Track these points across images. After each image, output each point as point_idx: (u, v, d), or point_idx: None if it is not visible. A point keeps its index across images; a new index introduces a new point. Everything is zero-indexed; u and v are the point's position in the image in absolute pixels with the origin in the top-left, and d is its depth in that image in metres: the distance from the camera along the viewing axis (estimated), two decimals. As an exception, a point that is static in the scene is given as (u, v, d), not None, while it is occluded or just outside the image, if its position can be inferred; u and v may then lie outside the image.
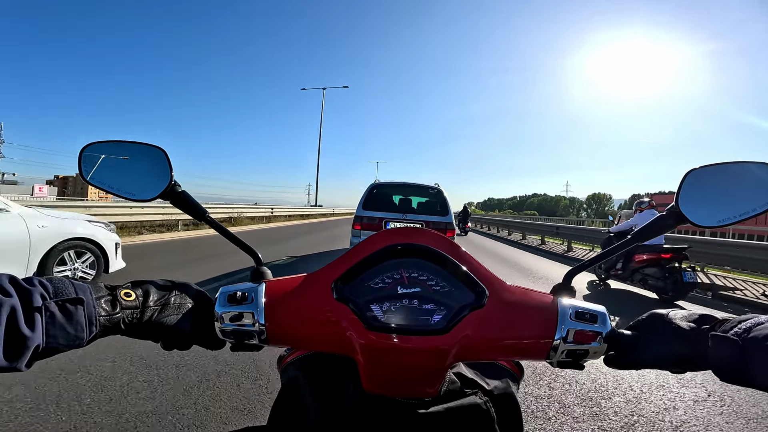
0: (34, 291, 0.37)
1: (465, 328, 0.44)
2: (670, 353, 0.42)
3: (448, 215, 6.19)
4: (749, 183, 0.45)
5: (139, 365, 2.53)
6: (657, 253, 5.69)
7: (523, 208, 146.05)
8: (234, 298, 0.46)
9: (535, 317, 0.46)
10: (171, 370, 2.49)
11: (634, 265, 6.02)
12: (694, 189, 0.46)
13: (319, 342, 0.47)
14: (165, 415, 1.98)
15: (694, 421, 2.26)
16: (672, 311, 0.45)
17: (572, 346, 0.45)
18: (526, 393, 2.49)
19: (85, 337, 0.39)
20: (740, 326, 0.37)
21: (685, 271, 5.47)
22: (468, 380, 0.52)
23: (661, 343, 0.43)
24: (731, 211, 0.45)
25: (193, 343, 0.49)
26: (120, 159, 0.51)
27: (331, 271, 0.48)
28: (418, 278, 0.47)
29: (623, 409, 2.37)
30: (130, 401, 2.09)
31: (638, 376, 2.89)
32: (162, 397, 2.17)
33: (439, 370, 0.45)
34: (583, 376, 2.83)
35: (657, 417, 2.29)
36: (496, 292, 0.47)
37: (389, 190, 6.79)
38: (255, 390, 2.32)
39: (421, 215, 6.17)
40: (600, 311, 0.46)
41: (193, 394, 2.22)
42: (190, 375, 2.45)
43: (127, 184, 0.50)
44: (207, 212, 0.53)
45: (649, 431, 2.13)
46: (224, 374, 2.50)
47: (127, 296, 0.44)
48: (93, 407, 2.00)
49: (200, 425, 1.92)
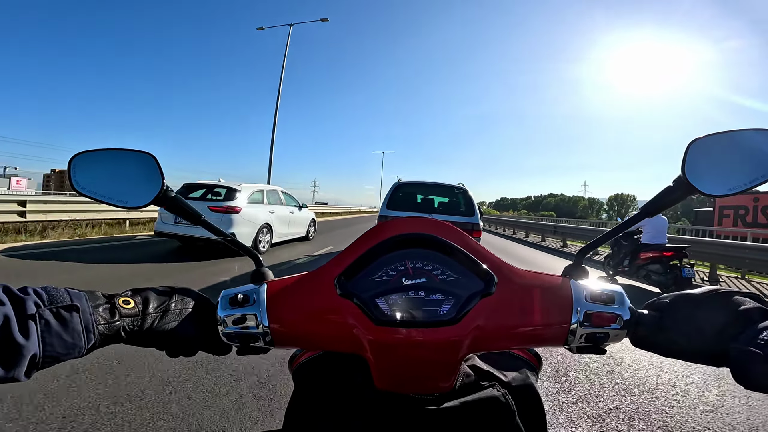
0: (27, 299, 0.36)
1: (476, 316, 0.42)
2: (691, 348, 0.41)
3: (474, 215, 5.94)
4: (754, 150, 0.44)
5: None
6: (660, 251, 6.33)
7: (539, 209, 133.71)
8: (236, 300, 0.45)
9: (549, 301, 0.44)
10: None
11: (639, 262, 6.62)
12: (699, 159, 0.45)
13: (326, 341, 0.46)
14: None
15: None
16: (700, 294, 0.42)
17: (591, 329, 0.43)
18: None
19: (84, 345, 0.38)
20: (765, 335, 0.35)
21: (684, 267, 6.16)
22: (484, 372, 0.50)
23: (682, 333, 0.41)
24: (740, 179, 0.44)
25: (197, 349, 0.48)
26: (110, 167, 0.50)
27: (333, 267, 0.47)
28: (423, 268, 0.45)
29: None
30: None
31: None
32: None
33: (452, 363, 0.44)
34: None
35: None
36: (506, 278, 0.45)
37: (413, 189, 6.62)
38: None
39: (446, 215, 5.91)
40: (617, 291, 0.44)
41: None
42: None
43: (119, 192, 0.50)
44: (202, 215, 0.53)
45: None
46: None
47: (126, 304, 0.43)
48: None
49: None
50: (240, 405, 2.20)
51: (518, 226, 22.67)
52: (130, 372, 2.48)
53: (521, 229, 21.44)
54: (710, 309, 0.41)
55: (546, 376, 2.74)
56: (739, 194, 0.45)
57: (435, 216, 5.63)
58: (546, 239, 16.47)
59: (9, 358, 0.34)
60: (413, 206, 6.25)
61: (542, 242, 15.14)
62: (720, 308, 0.41)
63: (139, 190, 0.50)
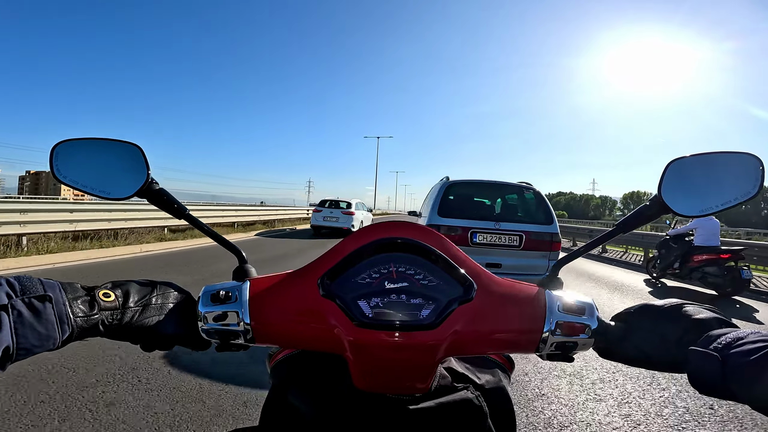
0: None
1: (454, 322, 0.43)
2: (653, 355, 0.43)
3: (552, 223, 4.70)
4: (731, 173, 0.46)
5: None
6: (716, 253, 6.31)
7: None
8: (217, 297, 0.45)
9: (524, 310, 0.46)
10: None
11: (692, 264, 6.62)
12: (676, 179, 0.47)
13: (306, 340, 0.46)
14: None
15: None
16: (663, 306, 0.45)
17: (561, 338, 0.45)
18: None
19: (58, 337, 0.38)
20: (721, 340, 0.37)
21: (742, 269, 6.14)
22: (459, 375, 0.52)
23: (645, 342, 0.43)
24: (713, 201, 0.46)
25: (175, 344, 0.48)
26: (94, 157, 0.50)
27: (316, 267, 0.47)
28: (406, 272, 0.46)
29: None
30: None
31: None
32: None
33: (429, 366, 0.45)
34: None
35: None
36: (485, 285, 0.46)
37: (468, 190, 5.26)
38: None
39: (518, 224, 4.67)
40: (588, 303, 0.46)
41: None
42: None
43: (102, 183, 0.49)
44: (187, 210, 0.52)
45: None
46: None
47: (106, 297, 0.43)
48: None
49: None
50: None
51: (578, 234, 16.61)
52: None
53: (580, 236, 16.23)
54: (671, 319, 0.43)
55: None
56: (710, 215, 0.48)
57: (508, 225, 4.68)
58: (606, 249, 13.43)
59: None
60: (475, 212, 4.87)
61: (604, 253, 12.69)
62: (680, 318, 0.43)
63: (124, 182, 0.49)
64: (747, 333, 0.37)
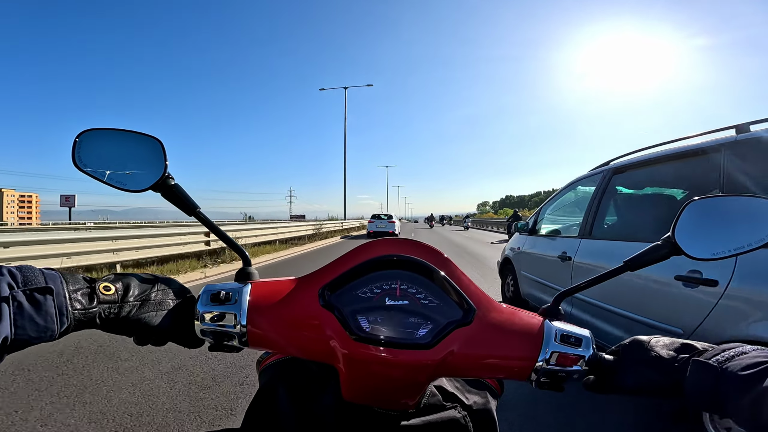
0: (1, 280, 0.36)
1: (450, 344, 0.44)
2: (647, 381, 0.42)
3: None
4: (748, 217, 0.45)
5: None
6: None
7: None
8: (217, 297, 0.46)
9: (522, 338, 0.46)
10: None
11: None
12: (691, 220, 0.46)
13: (301, 348, 0.46)
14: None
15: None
16: (654, 338, 0.45)
17: (554, 368, 0.45)
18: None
19: (56, 329, 0.38)
20: (722, 355, 0.37)
21: None
22: (448, 394, 0.52)
23: (640, 370, 0.43)
24: (725, 245, 0.45)
25: (168, 341, 0.48)
26: (115, 148, 0.50)
27: (319, 277, 0.48)
28: (407, 291, 0.46)
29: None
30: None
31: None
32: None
33: (420, 384, 0.45)
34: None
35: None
36: (485, 311, 0.46)
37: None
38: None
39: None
40: (585, 335, 0.46)
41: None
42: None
43: (120, 175, 0.49)
44: (198, 207, 0.53)
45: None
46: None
47: (106, 290, 0.43)
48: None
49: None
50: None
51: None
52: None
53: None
54: (666, 346, 0.43)
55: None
56: (720, 259, 0.46)
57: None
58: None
59: None
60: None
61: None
62: (675, 344, 0.43)
63: (140, 175, 0.49)
64: (752, 349, 0.37)
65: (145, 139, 0.50)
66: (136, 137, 0.51)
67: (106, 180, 0.49)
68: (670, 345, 0.43)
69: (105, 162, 0.49)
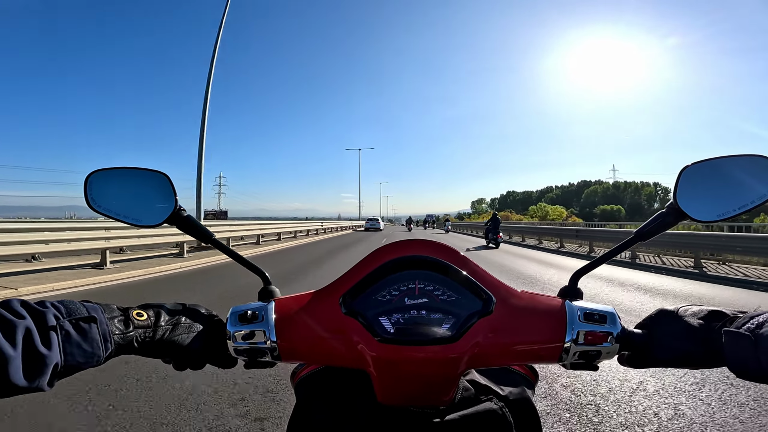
0: (47, 312, 0.38)
1: (475, 335, 0.44)
2: (684, 351, 0.42)
3: None
4: (745, 176, 0.46)
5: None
6: None
7: (572, 204, 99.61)
8: (245, 317, 0.47)
9: (544, 321, 0.46)
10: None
11: None
12: (690, 185, 0.47)
13: (330, 356, 0.48)
14: None
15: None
16: (682, 307, 0.45)
17: (584, 347, 0.45)
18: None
19: (102, 354, 0.40)
20: (752, 321, 0.37)
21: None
22: (482, 387, 0.52)
23: (673, 341, 0.43)
24: (729, 205, 0.46)
25: (206, 362, 0.50)
26: (124, 185, 0.51)
27: (338, 286, 0.49)
28: (425, 289, 0.48)
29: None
30: None
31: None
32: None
33: (451, 378, 0.46)
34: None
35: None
36: (504, 298, 0.47)
37: None
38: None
39: None
40: (609, 311, 0.46)
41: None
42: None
43: (133, 211, 0.51)
44: (213, 234, 0.54)
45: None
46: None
47: (139, 316, 0.46)
48: None
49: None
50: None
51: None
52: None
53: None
54: (693, 315, 0.44)
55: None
56: (727, 219, 0.47)
57: None
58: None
59: (33, 369, 0.35)
60: None
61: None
62: (701, 313, 0.43)
63: (153, 209, 0.51)
64: None
65: (153, 175, 0.52)
66: (144, 173, 0.52)
67: (122, 218, 0.50)
68: (699, 313, 0.44)
69: (117, 200, 0.50)
